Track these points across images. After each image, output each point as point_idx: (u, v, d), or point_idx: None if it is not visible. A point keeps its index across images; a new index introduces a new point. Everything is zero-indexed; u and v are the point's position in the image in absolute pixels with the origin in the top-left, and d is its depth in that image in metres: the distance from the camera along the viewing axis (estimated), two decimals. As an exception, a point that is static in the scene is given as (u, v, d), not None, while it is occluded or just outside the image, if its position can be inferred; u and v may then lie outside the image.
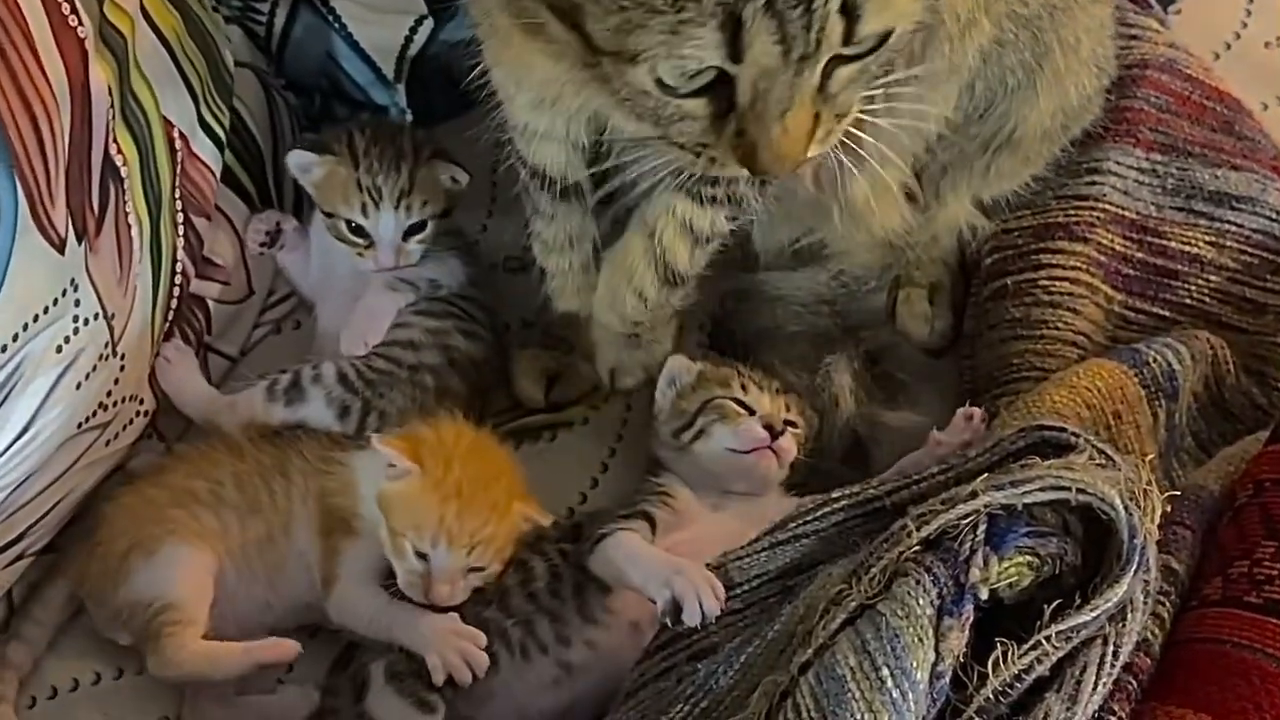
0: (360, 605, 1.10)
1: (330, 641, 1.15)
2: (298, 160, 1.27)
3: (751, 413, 1.16)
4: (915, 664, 0.83)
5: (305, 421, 1.20)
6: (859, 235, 1.15)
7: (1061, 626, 0.85)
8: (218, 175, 1.28)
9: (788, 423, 1.17)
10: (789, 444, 1.14)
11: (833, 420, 1.22)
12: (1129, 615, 0.87)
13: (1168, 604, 0.94)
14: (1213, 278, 1.27)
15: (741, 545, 1.03)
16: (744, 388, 1.18)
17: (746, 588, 1.02)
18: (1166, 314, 1.26)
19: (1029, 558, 0.88)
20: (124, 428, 1.18)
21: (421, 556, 1.07)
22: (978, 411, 1.11)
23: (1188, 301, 1.27)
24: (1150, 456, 1.07)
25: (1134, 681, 0.89)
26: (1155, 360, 1.16)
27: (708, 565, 1.02)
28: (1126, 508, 0.87)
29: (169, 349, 1.23)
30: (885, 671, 0.83)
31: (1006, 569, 0.87)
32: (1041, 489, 0.88)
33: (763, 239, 1.24)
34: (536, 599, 1.09)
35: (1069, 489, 0.87)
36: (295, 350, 1.32)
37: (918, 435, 1.14)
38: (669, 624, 0.98)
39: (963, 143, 1.15)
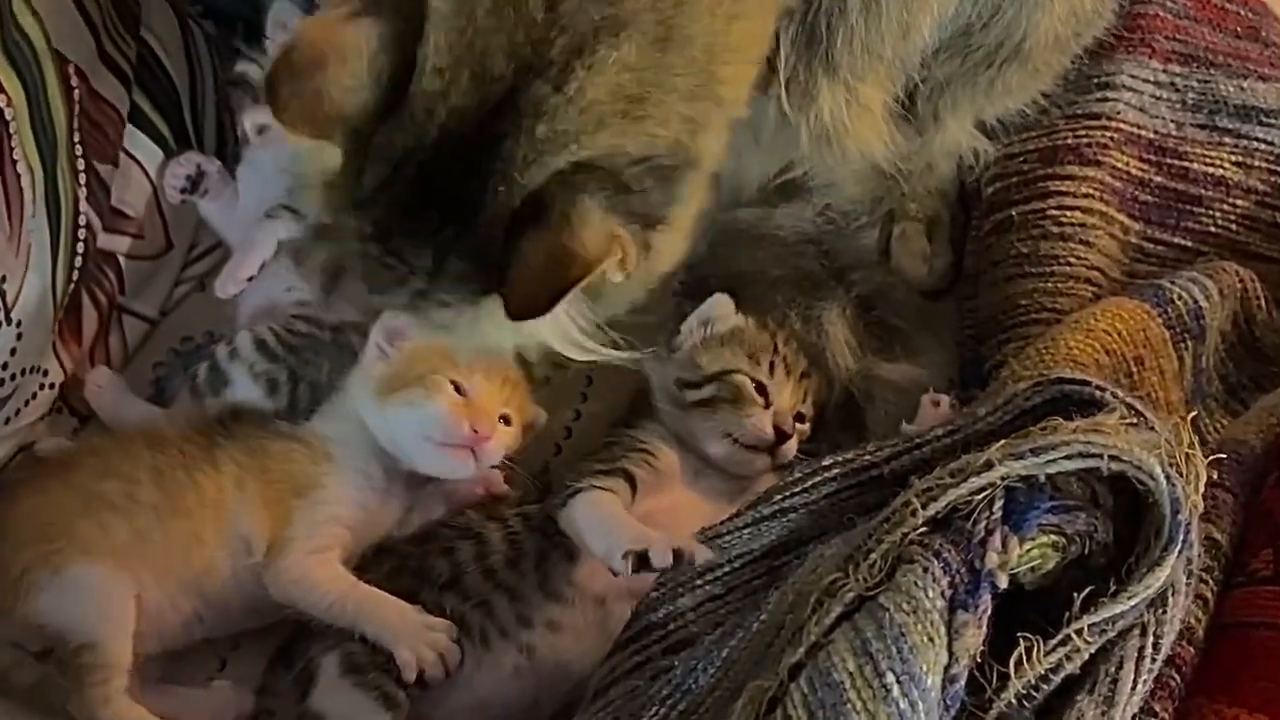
0: (319, 579, 1.02)
1: (268, 637, 1.07)
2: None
3: (767, 404, 1.09)
4: (925, 667, 0.73)
5: (238, 402, 1.12)
6: (832, 160, 1.07)
7: (1095, 618, 0.75)
8: (125, 116, 1.19)
9: (799, 417, 1.10)
10: (791, 449, 1.08)
11: (830, 379, 1.16)
12: (1170, 600, 0.77)
13: (1211, 581, 0.85)
14: (1239, 202, 1.21)
15: (721, 520, 0.95)
16: (771, 368, 1.10)
17: (728, 569, 0.94)
18: (1189, 244, 1.20)
19: (1054, 537, 0.78)
20: (25, 403, 1.09)
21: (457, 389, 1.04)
22: (944, 398, 1.05)
23: (1212, 229, 1.21)
24: (1183, 413, 0.97)
25: (1177, 676, 0.80)
26: (1180, 297, 1.10)
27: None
28: (1168, 478, 0.76)
29: (97, 376, 1.17)
30: (890, 677, 0.73)
31: (1029, 551, 0.77)
32: (1068, 457, 0.77)
33: (735, 173, 1.16)
34: (494, 575, 1.03)
35: (1100, 456, 0.77)
36: (222, 310, 1.22)
37: (917, 391, 1.08)
38: (633, 570, 0.91)
39: (963, 55, 1.06)
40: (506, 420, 1.07)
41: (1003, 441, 0.80)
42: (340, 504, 1.05)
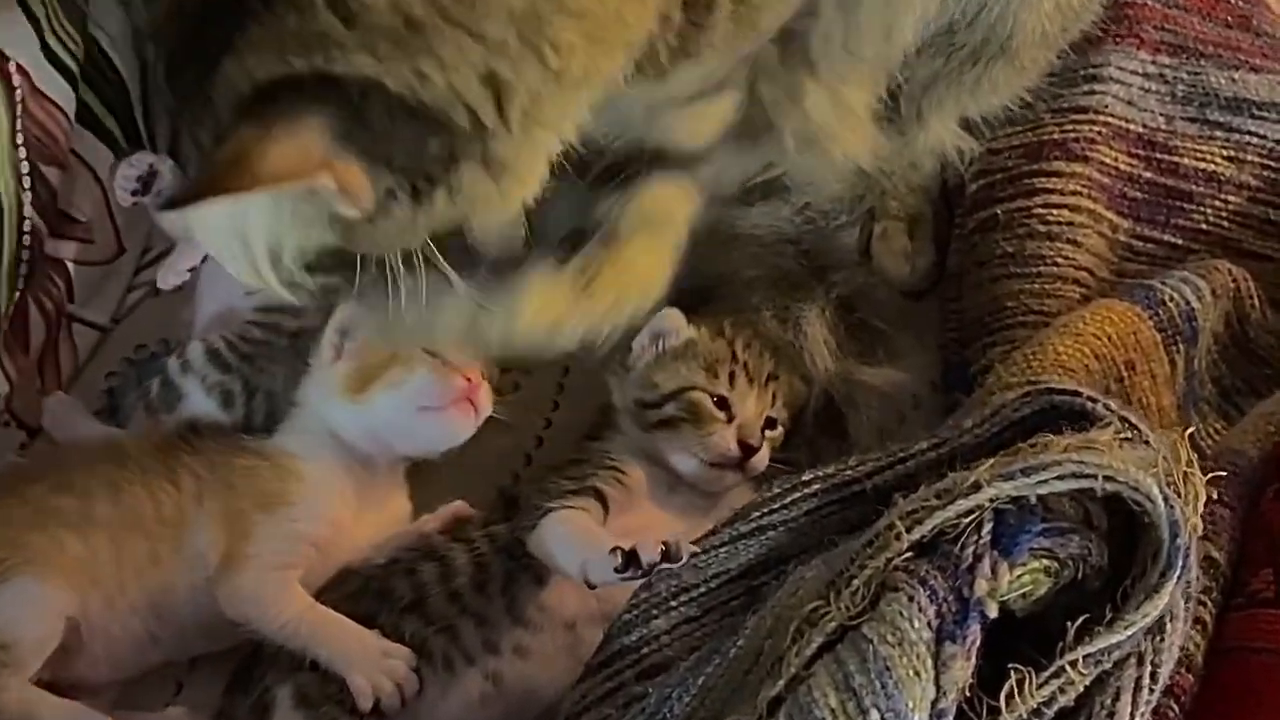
0: (274, 597, 0.98)
1: (225, 660, 1.03)
2: None
3: (730, 419, 1.05)
4: (911, 703, 0.69)
5: (195, 417, 1.09)
6: (817, 166, 1.03)
7: (1090, 649, 0.71)
8: (72, 116, 1.15)
9: (769, 423, 1.06)
10: (762, 461, 1.04)
11: (807, 379, 1.12)
12: (1168, 627, 0.74)
13: (1209, 604, 0.81)
14: (1231, 198, 1.19)
15: (697, 539, 0.91)
16: (732, 379, 1.06)
17: (704, 589, 0.90)
18: (1180, 242, 1.18)
19: (1046, 561, 0.74)
20: (-31, 417, 1.06)
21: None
22: None
23: (1203, 226, 1.18)
24: (1175, 419, 1.01)
25: (1175, 707, 0.76)
26: (1171, 299, 1.06)
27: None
28: (1167, 499, 0.73)
29: (53, 403, 1.13)
30: (875, 715, 0.69)
31: (1019, 577, 0.73)
32: (1060, 477, 0.74)
33: (711, 180, 1.09)
34: (460, 599, 0.99)
35: (1094, 477, 0.73)
36: (177, 316, 1.19)
37: (900, 396, 1.07)
38: (621, 568, 0.88)
39: (948, 54, 1.03)
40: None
41: (991, 461, 0.77)
42: (309, 522, 1.02)
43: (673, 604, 0.90)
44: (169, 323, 1.19)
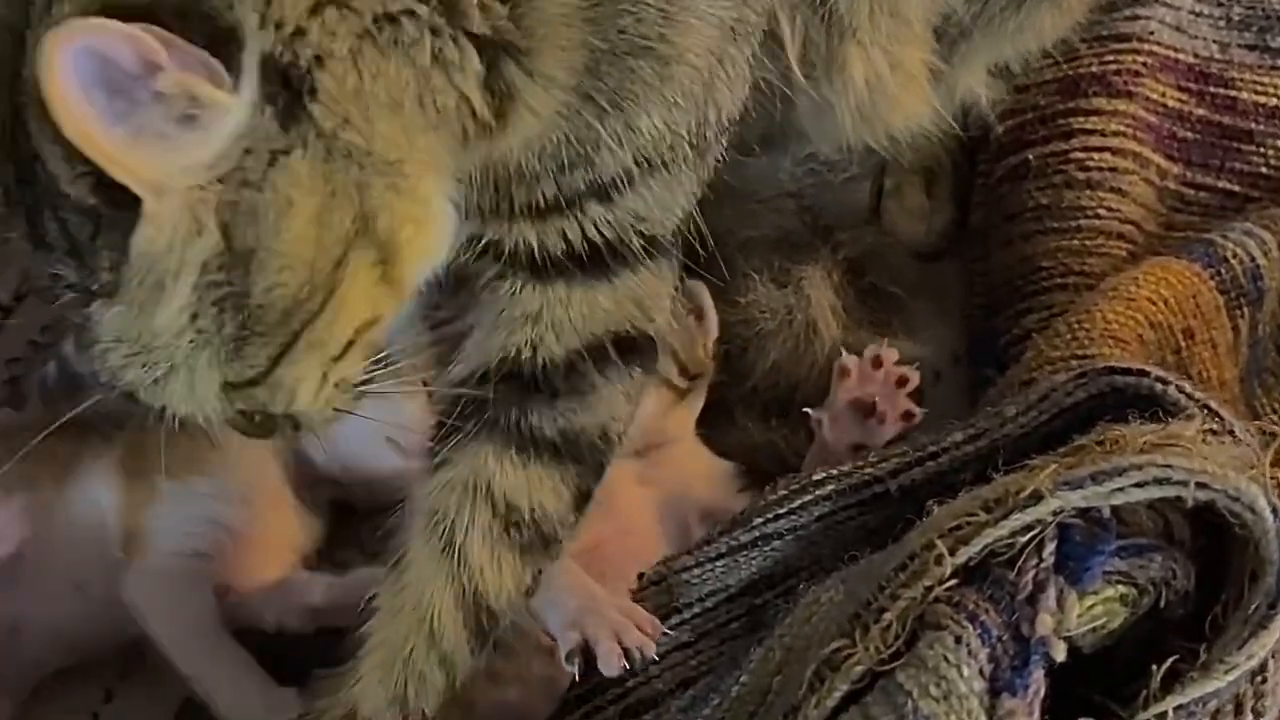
0: (174, 591, 0.93)
1: (159, 669, 0.95)
2: None
3: None
4: None
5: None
6: (876, 141, 0.97)
7: (1182, 698, 0.60)
8: None
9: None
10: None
11: (811, 354, 1.03)
12: (1271, 666, 0.62)
13: None
14: None
15: (690, 549, 0.84)
16: None
17: (698, 610, 0.83)
18: (1237, 189, 1.10)
19: (1122, 588, 0.63)
20: None
21: None
22: (854, 361, 0.95)
23: (1263, 170, 1.11)
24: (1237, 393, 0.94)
25: None
26: (1235, 255, 0.99)
27: (642, 578, 0.84)
28: (1275, 511, 0.61)
29: None
30: None
31: (1090, 609, 0.62)
32: (1140, 484, 0.62)
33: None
34: None
35: (1184, 483, 0.62)
36: None
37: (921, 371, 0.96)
38: (577, 673, 0.80)
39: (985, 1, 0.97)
40: None
41: (1051, 464, 0.65)
42: (224, 500, 0.96)
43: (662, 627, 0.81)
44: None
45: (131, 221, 0.61)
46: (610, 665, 0.77)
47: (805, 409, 0.95)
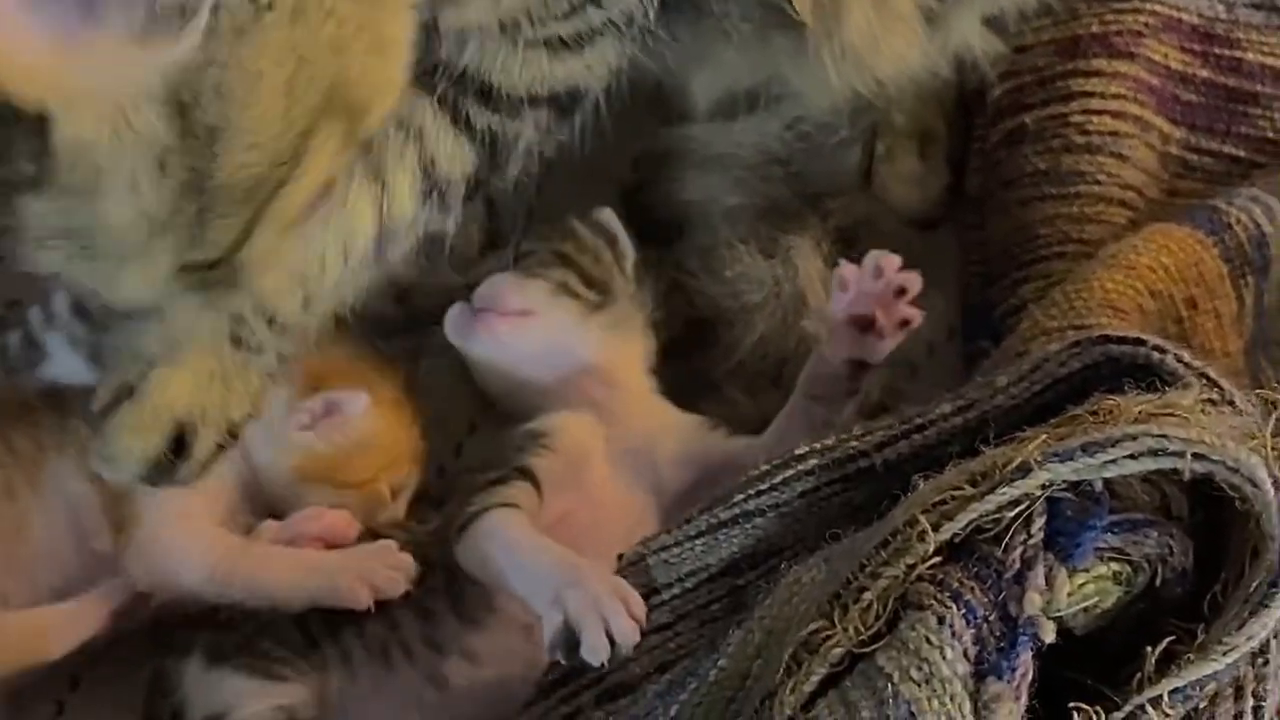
0: (188, 545, 0.91)
1: (113, 676, 0.95)
2: None
3: None
4: None
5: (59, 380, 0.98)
6: (864, 88, 0.97)
7: (1178, 681, 0.58)
8: None
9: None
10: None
11: (800, 327, 1.02)
12: (1273, 646, 0.60)
13: None
14: None
15: (669, 528, 0.82)
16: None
17: (677, 590, 0.81)
18: (1243, 154, 1.08)
19: (1116, 566, 0.61)
20: None
21: None
22: (893, 259, 0.89)
23: (1270, 135, 1.08)
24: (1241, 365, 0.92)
25: None
26: (1239, 221, 0.96)
27: (620, 560, 0.82)
28: (1277, 482, 0.59)
29: None
30: None
31: (1082, 587, 0.60)
32: (1135, 455, 0.60)
33: (706, 84, 1.05)
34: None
35: (1181, 454, 0.60)
36: None
37: (911, 344, 0.93)
38: (562, 660, 0.78)
39: None
40: None
41: (1041, 434, 0.63)
42: None
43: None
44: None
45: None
46: (596, 655, 0.75)
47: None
